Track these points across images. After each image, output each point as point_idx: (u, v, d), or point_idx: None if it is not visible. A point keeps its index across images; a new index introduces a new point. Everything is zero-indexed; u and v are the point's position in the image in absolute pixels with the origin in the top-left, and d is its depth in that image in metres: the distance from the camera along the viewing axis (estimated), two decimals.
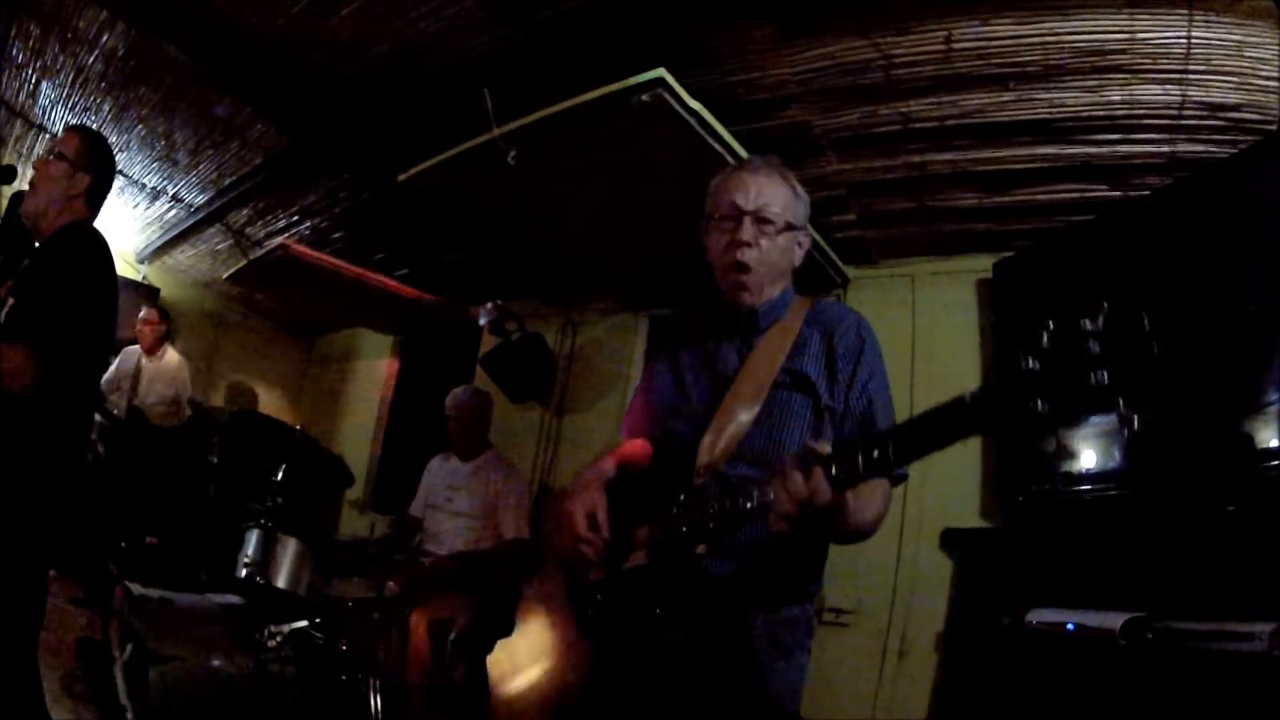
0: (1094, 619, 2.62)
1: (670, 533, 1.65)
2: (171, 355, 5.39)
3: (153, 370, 5.24)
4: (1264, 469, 2.52)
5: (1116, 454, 3.03)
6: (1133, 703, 2.47)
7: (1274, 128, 2.78)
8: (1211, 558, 2.57)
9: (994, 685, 3.07)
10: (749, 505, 1.50)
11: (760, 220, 1.75)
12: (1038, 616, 2.85)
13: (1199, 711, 2.27)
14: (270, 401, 6.28)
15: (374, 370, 6.61)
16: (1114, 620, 2.52)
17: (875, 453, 1.30)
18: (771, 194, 1.77)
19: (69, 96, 3.96)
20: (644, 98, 2.73)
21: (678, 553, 1.64)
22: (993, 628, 3.07)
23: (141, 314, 5.36)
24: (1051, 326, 1.09)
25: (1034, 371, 1.10)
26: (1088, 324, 1.07)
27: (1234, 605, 2.31)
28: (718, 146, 2.97)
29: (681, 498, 1.68)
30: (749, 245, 1.74)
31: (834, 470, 1.33)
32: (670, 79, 2.69)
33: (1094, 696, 2.60)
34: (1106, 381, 1.05)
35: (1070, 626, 2.70)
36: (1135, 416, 1.04)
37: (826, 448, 1.36)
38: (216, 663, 3.22)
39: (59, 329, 2.26)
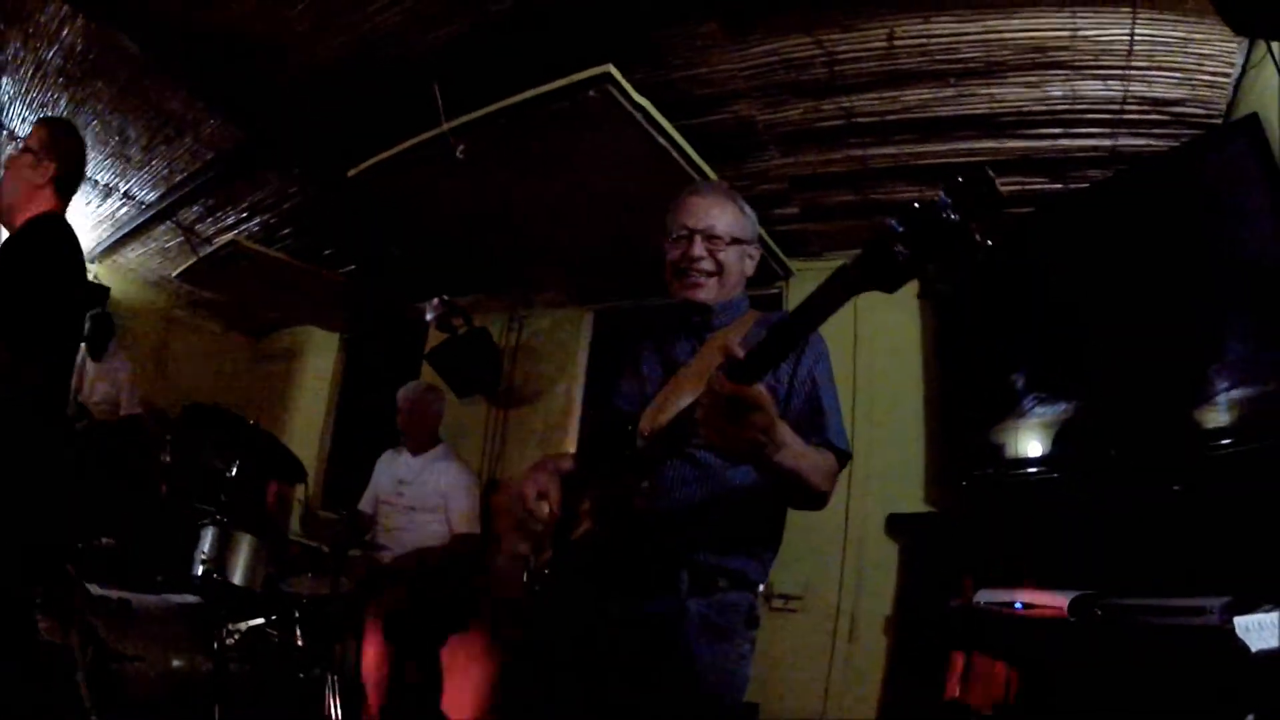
0: (1042, 598, 2.68)
1: (615, 482, 1.75)
2: (118, 357, 5.32)
3: (96, 368, 5.17)
4: (1208, 450, 2.59)
5: (1059, 438, 3.11)
6: (1082, 681, 2.52)
7: (1218, 121, 2.85)
8: (1157, 539, 2.64)
9: (943, 667, 3.12)
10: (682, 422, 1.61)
11: (709, 237, 1.95)
12: (985, 597, 2.91)
13: (1146, 686, 2.32)
14: (219, 400, 6.20)
15: (321, 367, 6.59)
16: (1062, 598, 2.58)
17: (779, 333, 1.37)
18: (718, 214, 1.98)
19: (27, 92, 3.91)
20: (590, 93, 2.76)
21: (622, 499, 1.73)
22: (940, 610, 3.15)
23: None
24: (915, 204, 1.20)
25: (896, 228, 1.19)
26: (942, 190, 1.17)
27: (1180, 584, 2.38)
28: (663, 141, 3.01)
29: (625, 454, 1.78)
30: (702, 257, 1.95)
31: (744, 358, 1.38)
32: (617, 74, 2.72)
33: (1043, 675, 2.68)
34: (956, 218, 1.14)
35: (1018, 605, 2.75)
36: (987, 240, 1.14)
37: (739, 351, 1.41)
38: (177, 663, 3.22)
39: (31, 323, 2.24)
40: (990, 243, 1.14)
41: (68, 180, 2.55)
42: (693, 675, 1.71)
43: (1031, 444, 3.21)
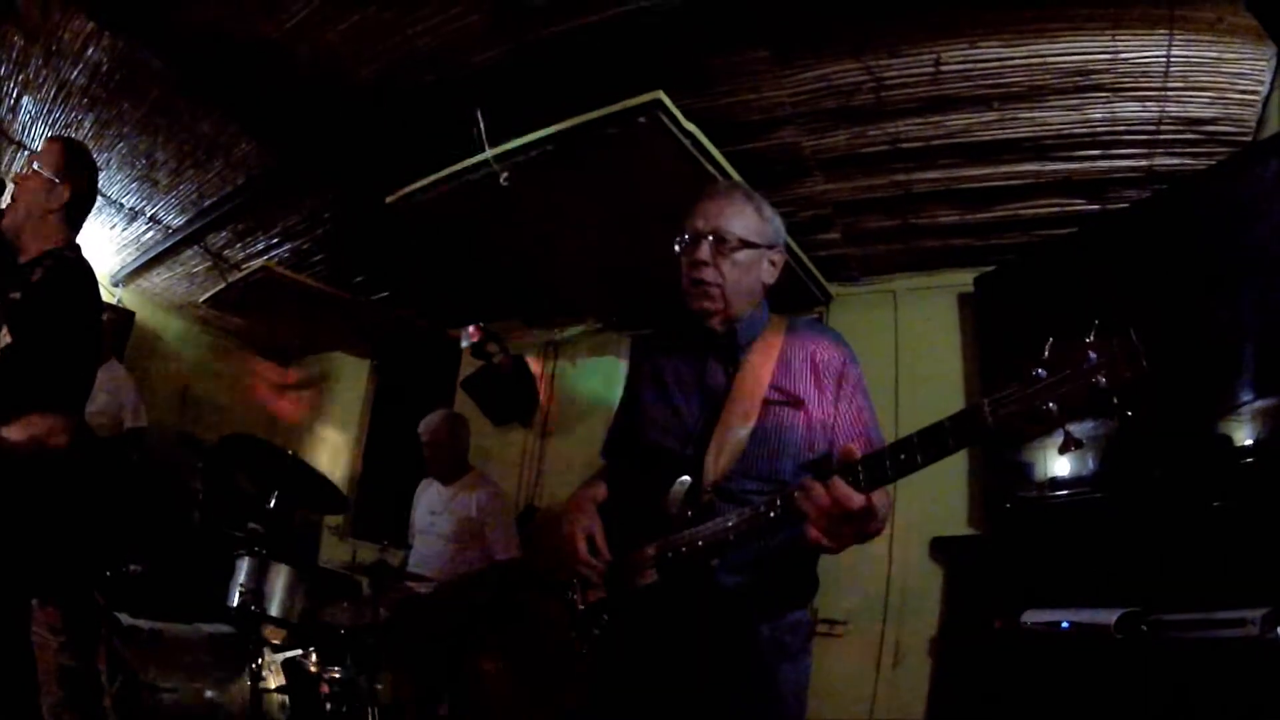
0: (1088, 616, 2.69)
1: (686, 549, 1.69)
2: (116, 368, 5.23)
3: (96, 382, 5.07)
4: (1240, 465, 2.61)
5: (1101, 459, 3.10)
6: (1129, 698, 2.53)
7: (1248, 138, 2.88)
8: (1197, 554, 2.64)
9: (989, 689, 3.11)
10: (772, 515, 1.56)
11: (717, 240, 1.82)
12: (1032, 617, 2.90)
13: (1193, 701, 2.33)
14: (245, 428, 6.14)
15: (351, 394, 6.55)
16: (1108, 616, 2.58)
17: (902, 455, 1.40)
18: (728, 215, 1.85)
19: (50, 112, 3.85)
20: (641, 119, 2.76)
21: (692, 568, 1.69)
22: (985, 632, 3.13)
23: None
24: (1053, 341, 1.24)
25: (1041, 377, 1.24)
26: (1087, 339, 1.22)
27: (1220, 597, 2.40)
28: (710, 168, 3.00)
29: (689, 514, 1.72)
30: (706, 264, 1.81)
31: (862, 475, 1.42)
32: (667, 101, 2.72)
33: (1089, 695, 2.65)
34: (1104, 385, 1.20)
35: (1065, 625, 2.76)
36: (1129, 413, 1.19)
37: (857, 453, 1.45)
38: (210, 694, 3.18)
39: (65, 374, 2.26)
40: (1130, 414, 1.18)
41: (81, 205, 2.49)
42: (771, 696, 1.72)
43: (1075, 464, 3.20)
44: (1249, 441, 2.61)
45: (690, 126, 2.85)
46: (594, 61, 2.97)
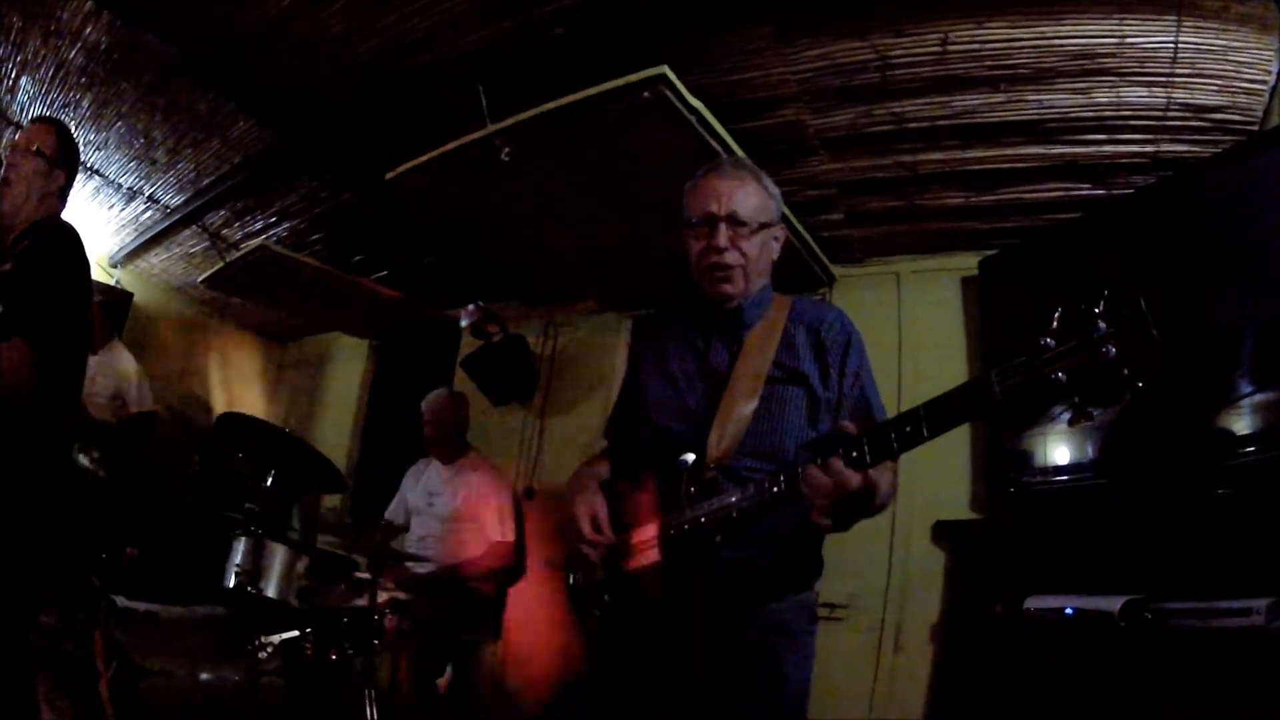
0: (1091, 603, 2.68)
1: (689, 526, 1.69)
2: (119, 350, 5.19)
3: (96, 364, 5.03)
4: (1245, 453, 2.60)
5: (1104, 445, 3.10)
6: (1132, 686, 2.52)
7: (1255, 128, 2.88)
8: (1202, 542, 2.64)
9: (991, 675, 3.10)
10: (776, 491, 1.56)
11: (734, 224, 1.80)
12: (1035, 603, 2.90)
13: (1197, 690, 2.32)
14: (243, 408, 6.11)
15: (349, 375, 6.50)
16: (1112, 603, 2.58)
17: (908, 428, 1.39)
18: (742, 196, 1.83)
19: (48, 92, 3.84)
20: (645, 94, 2.72)
21: (695, 545, 1.68)
22: (987, 617, 3.12)
23: None
24: (1061, 311, 1.24)
25: (1049, 347, 1.23)
26: (1095, 309, 1.22)
27: (1225, 586, 2.40)
28: (715, 145, 2.97)
29: (692, 493, 1.72)
30: (726, 249, 1.80)
31: (868, 450, 1.41)
32: (672, 76, 2.69)
33: (1092, 683, 2.64)
34: (1113, 355, 1.19)
35: (1069, 611, 2.75)
36: (1140, 384, 1.18)
37: (852, 429, 1.45)
38: (205, 676, 3.16)
39: (53, 333, 2.21)
40: (1141, 385, 1.17)
41: (70, 186, 2.54)
42: (778, 679, 1.72)
43: (1078, 450, 3.19)
44: (1253, 430, 2.60)
45: (695, 102, 2.82)
46: (594, 40, 2.96)
